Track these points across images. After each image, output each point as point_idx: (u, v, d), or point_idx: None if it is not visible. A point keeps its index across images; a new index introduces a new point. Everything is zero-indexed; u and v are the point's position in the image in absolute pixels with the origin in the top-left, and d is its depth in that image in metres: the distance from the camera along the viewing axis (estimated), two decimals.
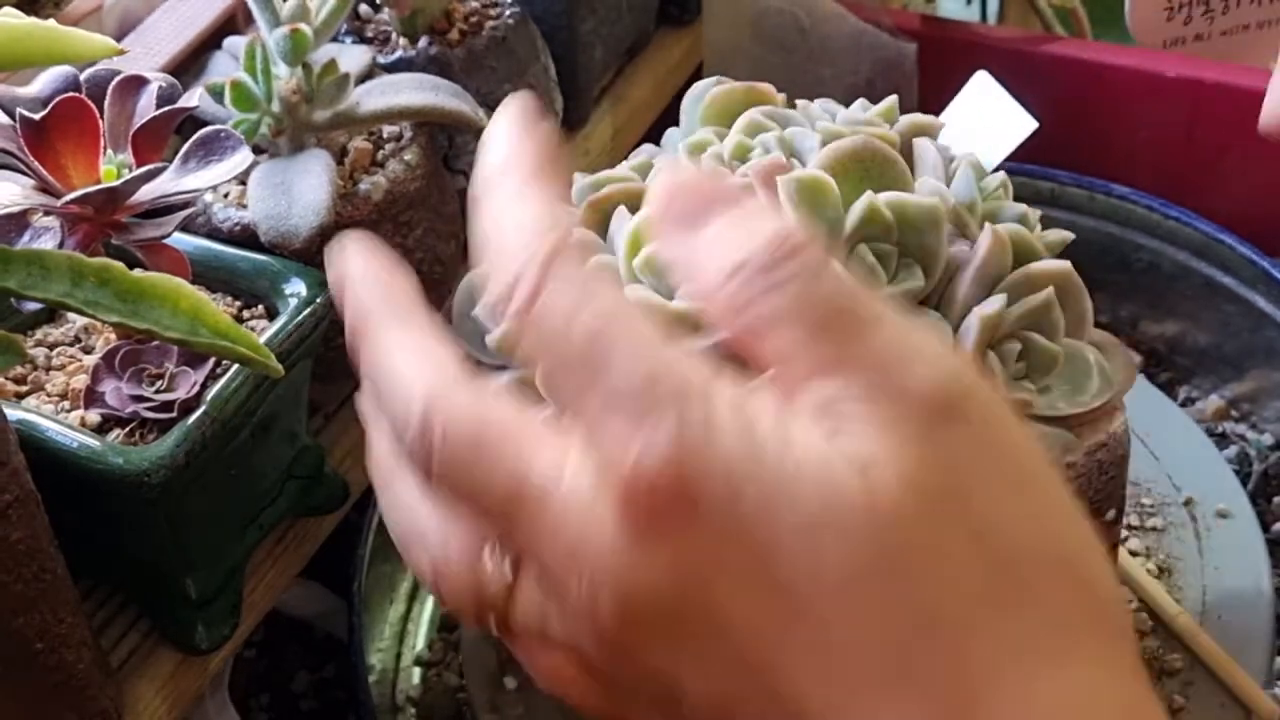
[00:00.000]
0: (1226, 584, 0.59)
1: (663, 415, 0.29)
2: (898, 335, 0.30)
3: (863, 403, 0.29)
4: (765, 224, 0.31)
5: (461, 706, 0.61)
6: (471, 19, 0.61)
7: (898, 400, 0.29)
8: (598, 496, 0.30)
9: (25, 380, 0.47)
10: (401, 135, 0.55)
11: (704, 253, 0.31)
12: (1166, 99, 0.74)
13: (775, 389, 0.30)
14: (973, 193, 0.46)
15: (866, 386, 0.29)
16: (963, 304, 0.44)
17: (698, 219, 0.32)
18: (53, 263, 0.40)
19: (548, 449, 0.31)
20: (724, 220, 0.31)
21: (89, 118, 0.43)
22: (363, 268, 0.35)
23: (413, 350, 0.33)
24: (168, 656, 0.48)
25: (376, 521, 0.62)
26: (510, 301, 0.31)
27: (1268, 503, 0.64)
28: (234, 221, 0.51)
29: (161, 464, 0.43)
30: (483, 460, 0.31)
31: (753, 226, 0.31)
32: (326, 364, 0.53)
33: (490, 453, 0.31)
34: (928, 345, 0.30)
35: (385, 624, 0.64)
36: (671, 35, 0.75)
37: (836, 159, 0.44)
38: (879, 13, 0.79)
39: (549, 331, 0.30)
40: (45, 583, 0.41)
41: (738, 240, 0.31)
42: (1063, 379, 0.45)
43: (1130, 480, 0.53)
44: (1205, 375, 0.70)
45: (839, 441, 0.29)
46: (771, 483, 0.29)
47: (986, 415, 0.30)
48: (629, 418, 0.29)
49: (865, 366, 0.30)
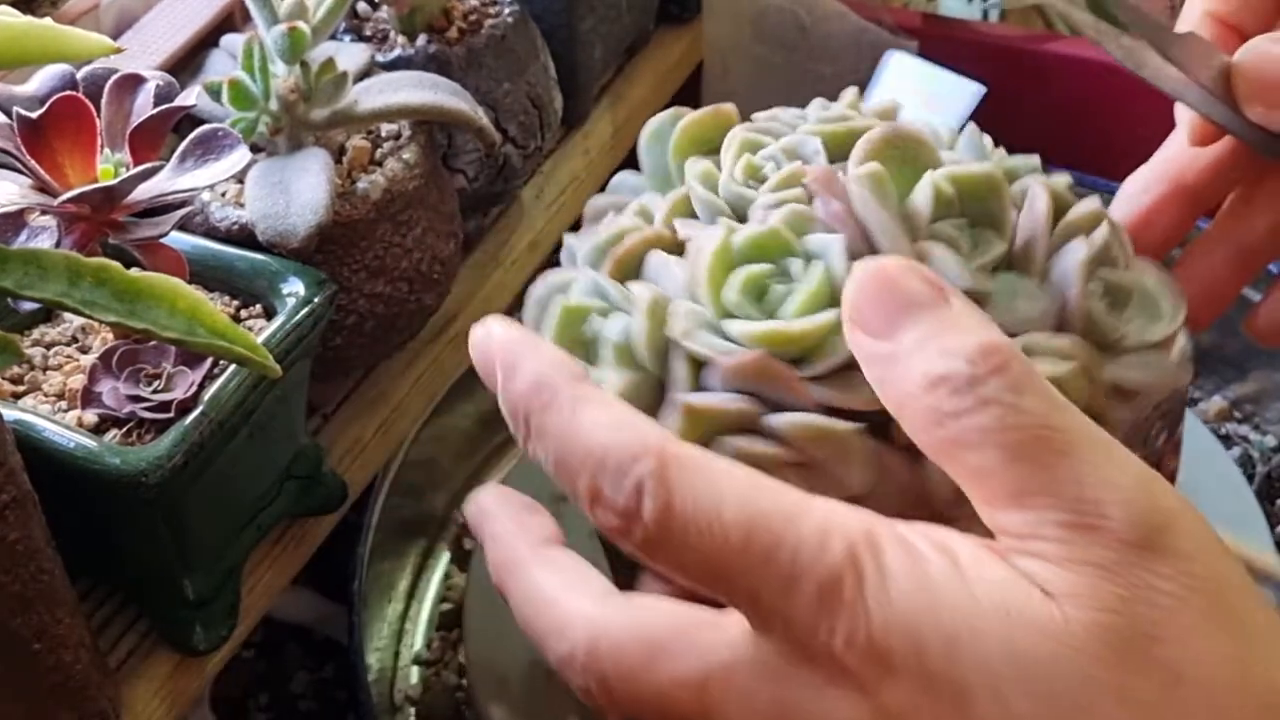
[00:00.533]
0: None
1: (835, 585, 0.29)
2: (1097, 462, 0.30)
3: (1056, 540, 0.29)
4: (969, 335, 0.31)
5: (461, 705, 0.61)
6: (470, 17, 0.61)
7: (1093, 537, 0.29)
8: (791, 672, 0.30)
9: (22, 380, 0.47)
10: (400, 134, 0.55)
11: (904, 359, 0.31)
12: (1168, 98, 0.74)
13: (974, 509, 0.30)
14: (988, 156, 0.46)
15: (1062, 522, 0.29)
16: (1042, 259, 0.44)
17: (898, 318, 0.31)
18: (50, 262, 0.40)
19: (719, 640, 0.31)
20: (926, 324, 0.31)
21: (86, 116, 0.43)
22: (498, 507, 0.36)
23: (560, 575, 0.34)
24: (166, 657, 0.48)
25: (375, 519, 0.62)
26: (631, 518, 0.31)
27: (1271, 504, 0.64)
28: (232, 220, 0.51)
29: (159, 464, 0.42)
30: (655, 671, 0.31)
31: (956, 336, 0.31)
32: (324, 364, 0.53)
33: (660, 661, 0.31)
34: (1127, 473, 0.30)
35: (384, 623, 0.63)
36: (671, 34, 0.75)
37: (873, 149, 0.44)
38: (880, 11, 0.79)
39: (695, 538, 0.30)
40: (43, 583, 0.41)
41: (941, 349, 0.31)
42: (1138, 309, 0.45)
43: None
44: (1208, 376, 0.69)
45: (1027, 566, 0.29)
46: (950, 623, 0.29)
47: (1191, 549, 0.29)
48: (811, 599, 0.29)
49: (1063, 498, 0.29)
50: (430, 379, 0.59)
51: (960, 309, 0.32)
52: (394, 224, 0.53)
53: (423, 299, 0.55)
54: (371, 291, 0.53)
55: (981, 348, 0.30)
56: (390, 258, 0.53)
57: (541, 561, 0.35)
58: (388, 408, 0.57)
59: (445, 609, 0.65)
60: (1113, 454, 0.30)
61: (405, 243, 0.53)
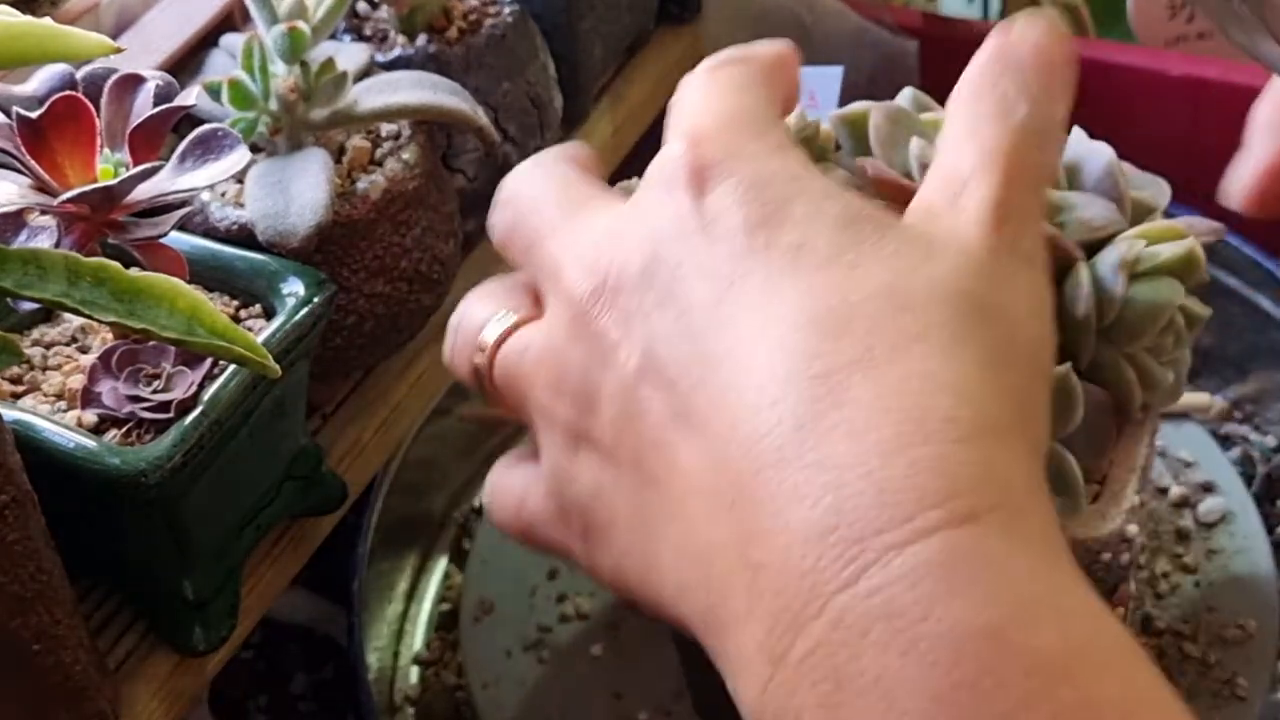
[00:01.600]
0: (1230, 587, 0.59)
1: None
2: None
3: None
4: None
5: (460, 705, 0.61)
6: (470, 17, 0.61)
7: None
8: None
9: (21, 380, 0.47)
10: (400, 134, 0.55)
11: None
12: (1169, 98, 0.74)
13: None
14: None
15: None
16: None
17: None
18: (49, 262, 0.40)
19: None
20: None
21: (85, 116, 0.43)
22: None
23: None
24: (165, 658, 0.48)
25: (375, 519, 0.62)
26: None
27: (1272, 505, 0.64)
28: (231, 220, 0.51)
29: (158, 464, 0.42)
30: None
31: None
32: (324, 364, 0.52)
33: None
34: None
35: (383, 623, 0.63)
36: (671, 33, 0.75)
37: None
38: (881, 10, 0.79)
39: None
40: (41, 584, 0.41)
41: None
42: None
43: None
44: (1208, 377, 0.69)
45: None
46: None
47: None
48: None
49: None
50: (430, 379, 0.59)
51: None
52: (394, 224, 0.53)
53: (422, 299, 0.55)
54: (371, 291, 0.53)
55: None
56: (390, 258, 0.53)
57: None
58: (387, 408, 0.57)
59: (445, 609, 0.65)
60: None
61: (405, 243, 0.53)
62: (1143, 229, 0.46)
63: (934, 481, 0.32)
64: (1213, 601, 0.58)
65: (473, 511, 0.69)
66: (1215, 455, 0.65)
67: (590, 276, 0.39)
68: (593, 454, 0.39)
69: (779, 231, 0.36)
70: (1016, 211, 0.38)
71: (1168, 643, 0.57)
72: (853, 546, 0.31)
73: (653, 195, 0.39)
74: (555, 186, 0.43)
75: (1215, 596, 0.59)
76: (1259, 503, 0.63)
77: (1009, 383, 0.35)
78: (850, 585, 0.31)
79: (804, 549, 0.32)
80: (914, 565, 0.31)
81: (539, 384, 0.41)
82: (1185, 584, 0.59)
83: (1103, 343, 0.45)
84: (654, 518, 0.37)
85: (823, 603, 0.31)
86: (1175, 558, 0.60)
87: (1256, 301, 0.67)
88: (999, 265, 0.37)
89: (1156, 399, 0.47)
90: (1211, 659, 0.57)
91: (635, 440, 0.37)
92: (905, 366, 0.34)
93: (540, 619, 0.61)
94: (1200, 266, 0.45)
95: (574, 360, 0.39)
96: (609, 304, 0.38)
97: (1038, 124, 0.39)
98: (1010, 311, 0.36)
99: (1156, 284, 0.45)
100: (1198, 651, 0.57)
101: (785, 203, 0.37)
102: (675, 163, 0.39)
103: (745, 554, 0.33)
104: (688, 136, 0.39)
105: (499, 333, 0.43)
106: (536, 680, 0.59)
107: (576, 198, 0.42)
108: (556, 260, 0.41)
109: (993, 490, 0.32)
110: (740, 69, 0.42)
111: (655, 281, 0.37)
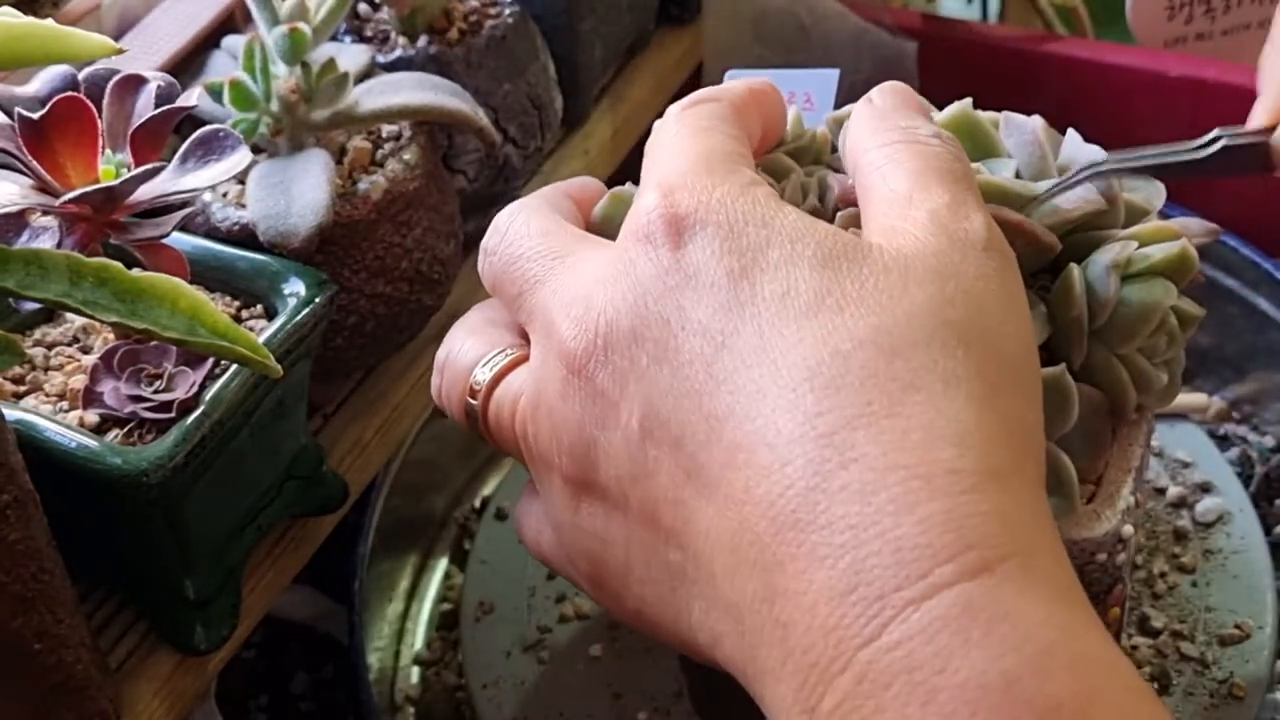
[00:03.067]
0: (1228, 587, 0.59)
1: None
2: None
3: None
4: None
5: (460, 705, 0.61)
6: (471, 18, 0.61)
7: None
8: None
9: (23, 380, 0.47)
10: (401, 134, 0.55)
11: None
12: (1168, 98, 0.74)
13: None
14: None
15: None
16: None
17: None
18: (51, 262, 0.40)
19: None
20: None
21: (87, 117, 0.43)
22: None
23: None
24: (166, 657, 0.48)
25: (376, 519, 0.62)
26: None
27: (1269, 505, 0.64)
28: (233, 221, 0.51)
29: (160, 464, 0.42)
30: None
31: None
32: (325, 364, 0.53)
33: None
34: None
35: (384, 623, 0.64)
36: (671, 34, 0.75)
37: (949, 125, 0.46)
38: (880, 11, 0.79)
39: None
40: (43, 583, 0.41)
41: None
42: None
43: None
44: (1207, 377, 0.69)
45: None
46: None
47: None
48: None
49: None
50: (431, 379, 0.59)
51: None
52: (394, 224, 0.53)
53: (423, 299, 0.55)
54: (372, 292, 0.53)
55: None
56: (391, 258, 0.53)
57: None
58: (388, 408, 0.57)
59: (445, 609, 0.65)
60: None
61: (406, 243, 0.53)
62: (1135, 230, 0.46)
63: (945, 537, 0.33)
64: (1210, 601, 0.59)
65: (473, 512, 0.69)
66: (1213, 455, 0.65)
67: (582, 333, 0.39)
68: (597, 505, 0.40)
69: (760, 281, 0.37)
70: (963, 205, 0.39)
71: (1165, 642, 0.57)
72: (874, 604, 0.32)
73: (634, 249, 0.40)
74: (536, 236, 0.44)
75: (1213, 596, 0.59)
76: (1257, 503, 0.63)
77: (1004, 410, 0.36)
78: (873, 640, 0.32)
79: (828, 608, 0.33)
80: (931, 620, 0.32)
81: (534, 434, 0.41)
82: (1183, 584, 0.59)
83: (1096, 344, 0.45)
84: (676, 573, 0.38)
85: (848, 658, 0.32)
86: (1173, 558, 0.61)
87: (1254, 302, 0.67)
88: (966, 260, 0.38)
89: (1151, 400, 0.47)
90: (1209, 659, 0.57)
91: (646, 497, 0.38)
92: (905, 420, 0.35)
93: (540, 619, 0.61)
94: (1193, 267, 0.46)
95: (570, 416, 0.40)
96: (602, 362, 0.39)
97: (933, 136, 0.42)
98: (989, 319, 0.37)
99: (1148, 285, 0.45)
100: (1195, 651, 0.57)
101: (760, 250, 0.38)
102: (650, 215, 0.40)
103: (773, 611, 0.34)
104: (659, 187, 0.40)
105: (490, 377, 0.43)
106: (536, 680, 0.59)
107: (559, 248, 0.43)
108: (547, 311, 0.41)
109: (1002, 538, 0.33)
110: (708, 108, 0.43)
111: (646, 339, 0.38)
